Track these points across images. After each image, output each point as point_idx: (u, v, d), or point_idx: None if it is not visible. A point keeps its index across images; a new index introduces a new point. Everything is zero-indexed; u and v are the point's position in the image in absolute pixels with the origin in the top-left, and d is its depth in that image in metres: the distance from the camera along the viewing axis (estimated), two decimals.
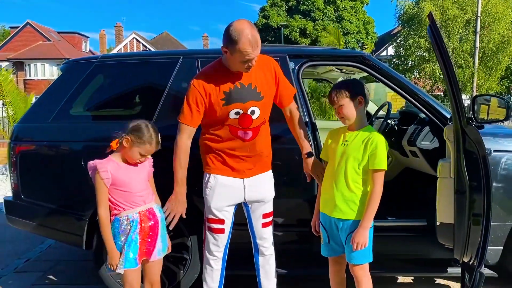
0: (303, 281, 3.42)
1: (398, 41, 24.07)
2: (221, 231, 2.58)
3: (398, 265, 3.15)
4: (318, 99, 10.50)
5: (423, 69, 21.69)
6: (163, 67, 3.15)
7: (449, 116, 2.89)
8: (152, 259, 2.50)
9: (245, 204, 2.62)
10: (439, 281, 3.43)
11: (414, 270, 3.20)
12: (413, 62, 22.56)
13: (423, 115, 3.20)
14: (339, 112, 2.41)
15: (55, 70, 35.32)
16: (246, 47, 2.23)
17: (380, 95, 7.57)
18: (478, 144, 2.48)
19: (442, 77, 17.41)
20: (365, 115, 2.48)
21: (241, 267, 2.90)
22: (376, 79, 3.09)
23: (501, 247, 2.94)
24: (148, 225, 2.45)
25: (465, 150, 2.55)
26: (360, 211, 2.36)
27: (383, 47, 35.08)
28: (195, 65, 3.07)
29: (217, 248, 2.61)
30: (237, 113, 2.43)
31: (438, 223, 2.82)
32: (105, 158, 2.45)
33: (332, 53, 3.44)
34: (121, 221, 2.42)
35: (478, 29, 18.69)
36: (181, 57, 3.13)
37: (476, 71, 19.82)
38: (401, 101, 8.81)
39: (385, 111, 3.68)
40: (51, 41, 37.91)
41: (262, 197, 2.61)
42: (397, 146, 3.52)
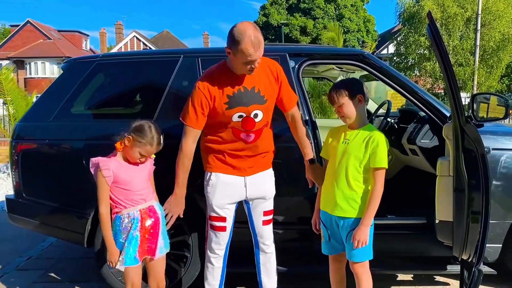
0: (303, 279, 3.43)
1: (398, 39, 24.04)
2: (223, 229, 2.59)
3: (398, 263, 3.15)
4: (318, 97, 10.46)
5: (424, 67, 21.66)
6: (163, 66, 3.16)
7: (448, 114, 2.90)
8: (156, 256, 2.51)
9: (245, 201, 2.64)
10: (438, 278, 3.44)
11: (413, 267, 3.21)
12: (414, 60, 22.52)
13: (422, 114, 3.21)
14: (339, 111, 2.42)
15: (56, 68, 35.33)
16: (248, 47, 2.23)
17: (380, 93, 7.56)
18: (476, 142, 2.48)
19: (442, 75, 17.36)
20: (365, 114, 2.49)
21: (242, 265, 2.91)
22: (376, 77, 3.09)
23: (500, 245, 2.96)
24: (149, 223, 2.47)
25: (464, 148, 2.56)
26: (360, 209, 2.37)
27: (383, 45, 35.04)
28: (196, 64, 3.08)
29: (219, 246, 2.62)
30: (240, 116, 2.44)
31: (437, 221, 2.83)
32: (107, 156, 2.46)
33: (332, 52, 3.44)
34: (122, 219, 2.43)
35: (478, 27, 18.65)
36: (182, 56, 3.14)
37: (476, 69, 19.79)
38: (401, 100, 8.79)
39: (385, 109, 3.68)
40: (51, 39, 37.90)
41: (263, 194, 2.62)
42: (397, 144, 3.52)
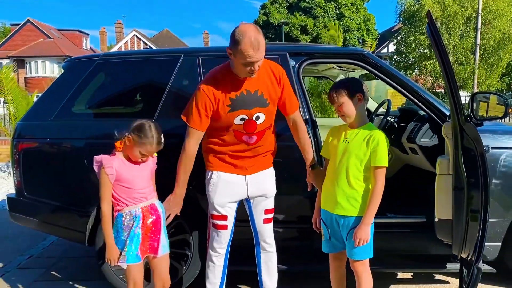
0: (303, 277, 3.44)
1: (399, 38, 24.04)
2: (224, 227, 2.60)
3: (398, 261, 3.16)
4: (318, 96, 10.46)
5: (424, 66, 21.67)
6: (164, 65, 3.17)
7: (448, 113, 2.91)
8: (159, 255, 2.52)
9: (247, 200, 2.65)
10: (438, 277, 3.44)
11: (413, 266, 3.21)
12: (414, 59, 22.54)
13: (422, 113, 3.21)
14: (339, 110, 2.43)
15: (56, 67, 35.32)
16: (247, 48, 2.23)
17: (380, 92, 7.55)
18: (476, 141, 2.49)
19: None
20: (366, 112, 2.50)
21: (244, 263, 2.92)
22: (376, 76, 3.10)
23: (499, 243, 2.97)
24: (150, 221, 2.48)
25: (463, 147, 2.57)
26: (361, 208, 2.38)
27: (383, 44, 35.02)
28: (196, 63, 3.09)
29: (220, 244, 2.63)
30: (242, 119, 2.45)
31: (436, 219, 2.84)
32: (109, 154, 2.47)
33: (332, 51, 3.44)
34: (124, 217, 2.44)
35: (479, 26, 18.65)
36: (182, 55, 3.15)
37: (477, 68, 19.80)
38: (401, 98, 8.79)
39: (385, 108, 3.68)
40: (51, 38, 37.87)
41: (264, 192, 2.63)
42: (397, 143, 3.53)
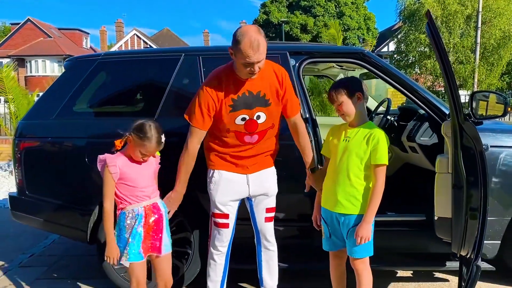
0: (304, 275, 3.46)
1: (399, 37, 24.00)
2: (226, 226, 2.62)
3: (397, 259, 3.18)
4: (319, 94, 10.47)
5: (424, 65, 21.63)
6: (165, 64, 3.18)
7: (447, 112, 2.92)
8: (161, 253, 2.53)
9: (248, 198, 2.66)
10: (438, 275, 3.46)
11: (413, 264, 3.23)
12: (414, 58, 22.51)
13: (422, 111, 3.23)
14: (339, 109, 2.45)
15: (56, 66, 35.32)
16: (247, 48, 2.24)
17: (380, 91, 7.57)
18: (475, 139, 2.50)
19: None
20: (365, 111, 2.51)
21: (244, 261, 2.93)
22: (376, 75, 3.12)
23: (499, 242, 2.98)
24: (152, 219, 2.49)
25: (462, 145, 2.58)
26: (361, 206, 2.39)
27: (384, 43, 35.01)
28: (197, 62, 3.10)
29: (221, 243, 2.65)
30: (243, 119, 2.46)
31: (436, 217, 2.85)
32: (110, 154, 2.48)
33: (332, 50, 3.45)
34: (126, 215, 2.46)
35: (479, 25, 18.61)
36: (183, 54, 3.16)
37: (477, 66, 19.76)
38: (401, 97, 8.79)
39: (385, 107, 3.70)
40: (51, 37, 37.86)
41: (265, 191, 2.65)
42: (396, 142, 3.54)
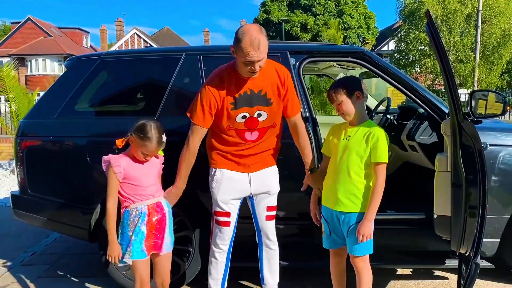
0: (304, 273, 3.47)
1: (399, 35, 24.00)
2: (227, 224, 2.63)
3: (397, 257, 3.19)
4: (319, 93, 10.47)
5: (424, 64, 21.64)
6: (166, 63, 3.19)
7: (447, 111, 2.93)
8: (162, 252, 2.55)
9: (250, 197, 2.68)
10: (437, 272, 3.47)
11: (413, 262, 3.25)
12: (414, 56, 22.51)
13: (422, 110, 3.24)
14: (339, 109, 2.47)
15: (56, 65, 35.31)
16: (247, 46, 2.26)
17: (380, 90, 7.57)
18: (474, 138, 2.51)
19: None
20: (365, 110, 2.53)
21: (246, 259, 2.95)
22: (375, 74, 3.13)
23: (498, 240, 3.00)
24: (155, 218, 2.51)
25: (461, 144, 2.59)
26: (361, 205, 2.41)
27: (384, 42, 35.00)
28: (198, 61, 3.11)
29: (223, 241, 2.67)
30: (244, 117, 2.49)
31: (435, 216, 2.87)
32: (111, 153, 2.50)
33: (332, 49, 3.46)
34: (130, 213, 2.48)
35: (479, 23, 18.60)
36: (184, 54, 3.18)
37: (477, 65, 19.77)
38: (401, 96, 8.81)
39: (385, 106, 3.71)
40: (52, 36, 37.84)
41: (267, 189, 2.66)
42: (396, 140, 3.56)
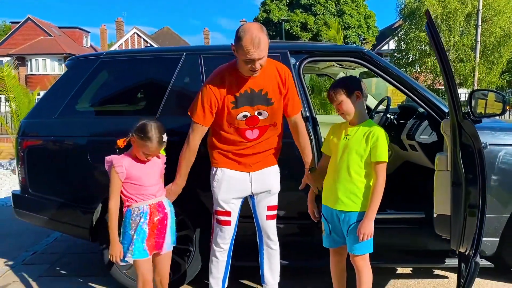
0: (304, 272, 3.48)
1: (399, 35, 24.02)
2: (228, 223, 2.64)
3: (397, 256, 3.20)
4: (319, 93, 10.48)
5: (424, 63, 21.66)
6: (166, 63, 3.20)
7: (447, 110, 2.94)
8: (162, 252, 2.56)
9: (251, 196, 2.69)
10: (437, 272, 3.48)
11: (413, 261, 3.26)
12: (414, 56, 22.53)
13: (422, 110, 3.25)
14: (338, 108, 2.48)
15: (57, 65, 35.32)
16: (247, 44, 2.27)
17: (380, 89, 7.59)
18: (474, 137, 2.52)
19: None
20: (365, 109, 2.54)
21: (246, 258, 2.96)
22: (375, 74, 3.14)
23: (497, 239, 3.00)
24: (157, 218, 2.51)
25: (461, 143, 2.60)
26: (361, 204, 2.42)
27: (384, 41, 34.99)
28: (198, 61, 3.12)
29: (224, 240, 2.67)
30: (245, 116, 2.50)
31: (435, 215, 2.88)
32: (112, 152, 2.51)
33: (332, 49, 3.47)
34: (132, 212, 2.49)
35: (479, 23, 18.62)
36: (184, 54, 3.18)
37: (477, 65, 19.78)
38: (401, 96, 8.82)
39: (384, 105, 3.72)
40: (52, 36, 37.83)
41: (268, 188, 2.67)
42: (396, 140, 3.56)
